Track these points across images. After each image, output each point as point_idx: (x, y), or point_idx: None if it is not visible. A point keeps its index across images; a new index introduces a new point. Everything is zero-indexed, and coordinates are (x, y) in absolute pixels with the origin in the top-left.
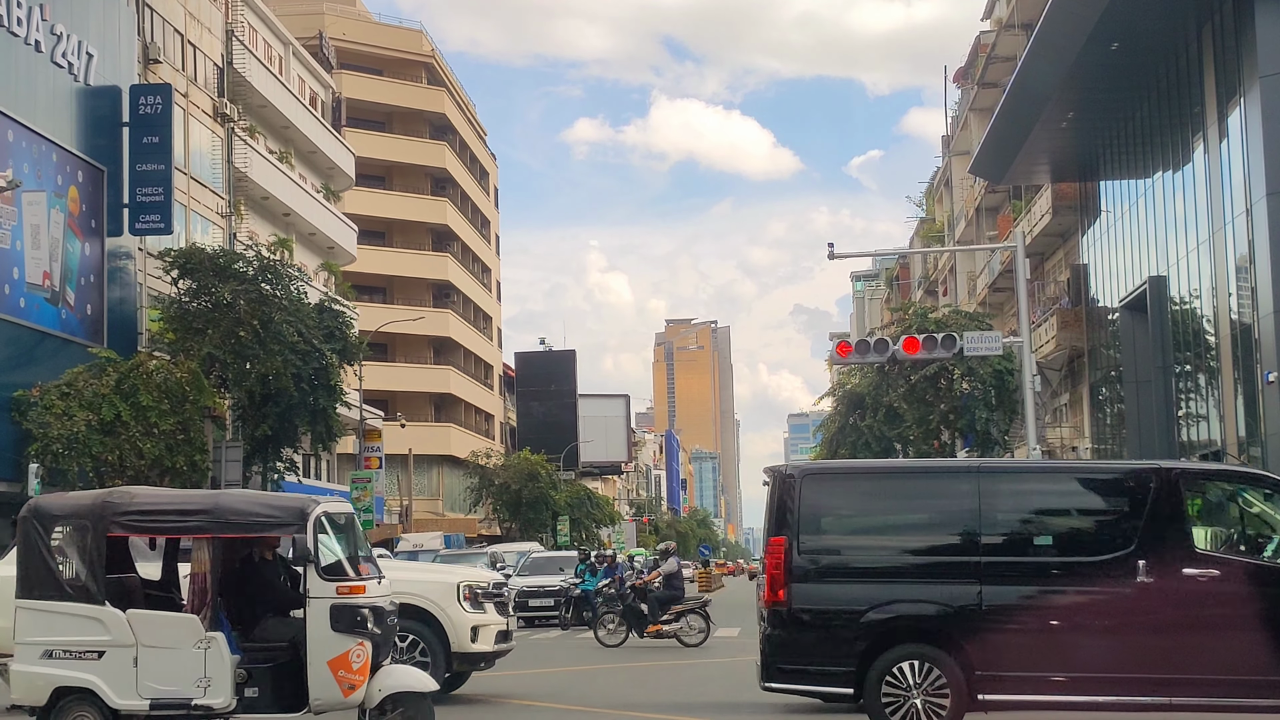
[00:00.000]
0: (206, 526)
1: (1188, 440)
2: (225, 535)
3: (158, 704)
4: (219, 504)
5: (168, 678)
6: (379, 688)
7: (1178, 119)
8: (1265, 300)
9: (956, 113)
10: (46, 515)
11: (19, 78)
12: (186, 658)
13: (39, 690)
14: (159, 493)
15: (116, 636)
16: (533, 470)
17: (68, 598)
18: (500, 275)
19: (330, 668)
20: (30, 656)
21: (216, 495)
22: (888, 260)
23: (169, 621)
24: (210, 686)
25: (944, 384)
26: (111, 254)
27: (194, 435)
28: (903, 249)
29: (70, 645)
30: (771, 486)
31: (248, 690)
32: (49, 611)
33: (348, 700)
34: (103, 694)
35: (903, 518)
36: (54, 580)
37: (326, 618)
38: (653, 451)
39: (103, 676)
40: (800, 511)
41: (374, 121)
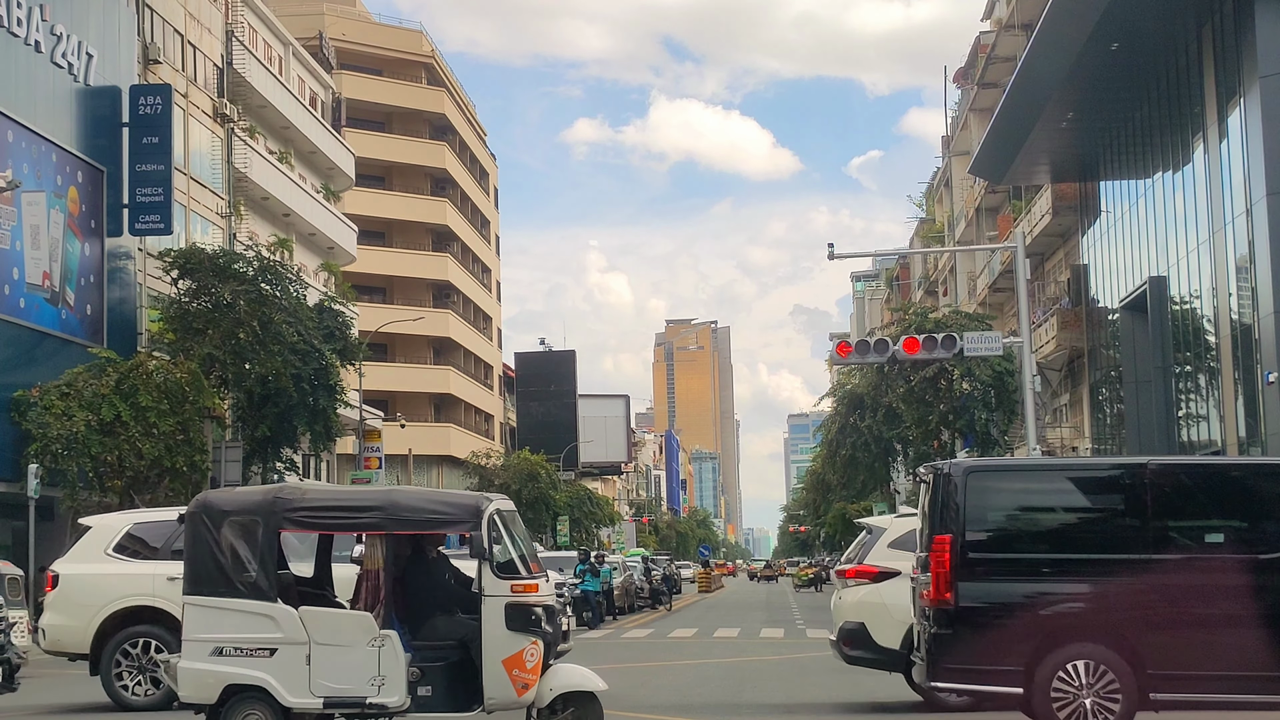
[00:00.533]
0: (380, 523)
1: (1188, 440)
2: (399, 532)
3: (331, 702)
4: (393, 501)
5: (341, 676)
6: (549, 687)
7: (1178, 119)
8: (1265, 300)
9: (956, 113)
10: (216, 511)
11: (19, 78)
12: (360, 655)
13: (209, 688)
14: (330, 490)
15: (289, 634)
16: (533, 470)
17: (238, 594)
18: (500, 275)
19: (505, 666)
20: (199, 654)
21: (390, 492)
22: (888, 260)
23: (342, 619)
24: (384, 685)
25: (944, 384)
26: (111, 254)
27: (194, 435)
28: (903, 249)
29: (241, 642)
30: (932, 485)
31: (420, 689)
32: (219, 608)
33: (521, 699)
34: (275, 692)
35: (1071, 515)
36: (224, 576)
37: (501, 616)
38: (653, 452)
39: (275, 674)
40: (965, 510)
41: (374, 122)
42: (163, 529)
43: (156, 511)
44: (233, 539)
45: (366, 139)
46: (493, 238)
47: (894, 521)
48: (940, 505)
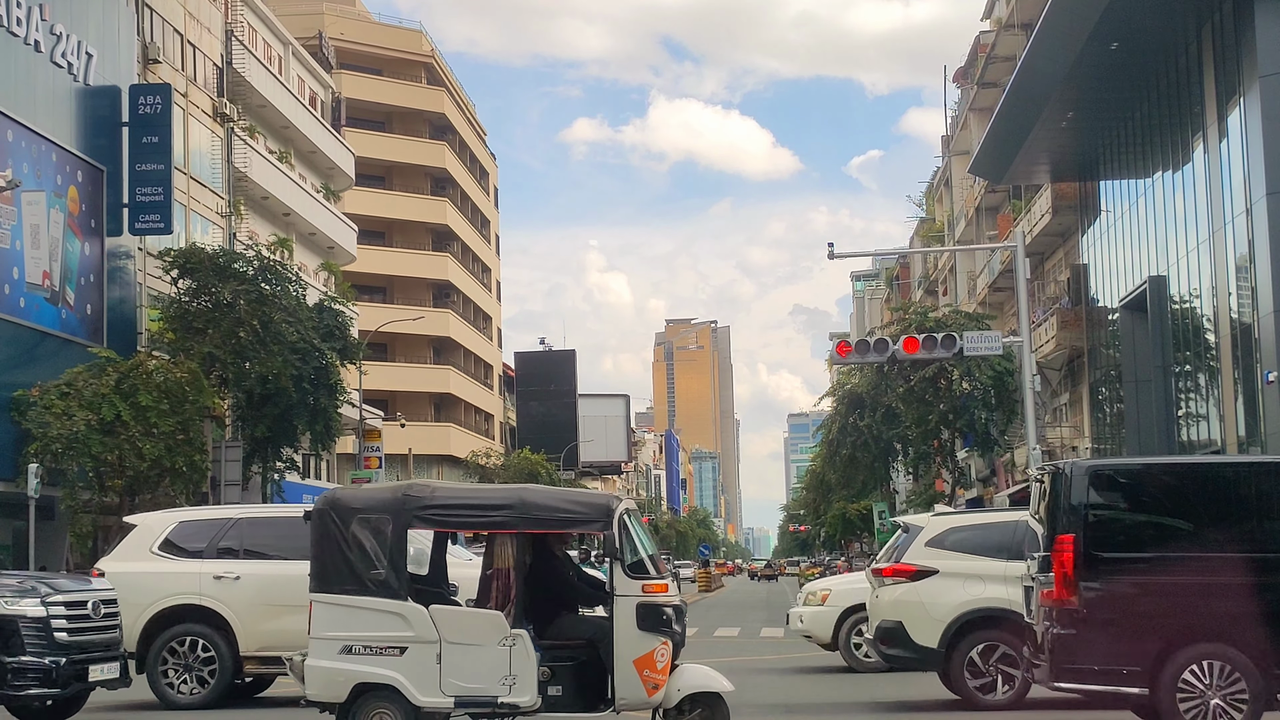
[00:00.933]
0: (511, 522)
1: (1188, 440)
2: (530, 531)
3: (462, 701)
4: (524, 499)
5: (472, 675)
6: (677, 687)
7: (1178, 119)
8: (1265, 300)
9: (956, 113)
10: (345, 508)
11: (19, 78)
12: (491, 655)
13: (339, 686)
14: (460, 488)
15: (420, 632)
16: (533, 470)
17: (368, 592)
18: (500, 275)
19: (636, 667)
20: (328, 652)
21: (520, 490)
22: (888, 260)
23: (474, 617)
24: (515, 684)
25: (943, 384)
26: (111, 254)
27: (194, 435)
28: (903, 249)
29: (371, 640)
30: (1052, 484)
31: (550, 689)
32: (347, 606)
33: (651, 700)
34: (406, 691)
35: (1196, 514)
36: (352, 574)
37: (633, 616)
38: (652, 451)
39: (405, 673)
40: (1088, 509)
41: (374, 121)
42: (209, 527)
43: (202, 510)
44: (361, 536)
45: (366, 139)
46: (493, 237)
47: (931, 520)
48: (1060, 505)
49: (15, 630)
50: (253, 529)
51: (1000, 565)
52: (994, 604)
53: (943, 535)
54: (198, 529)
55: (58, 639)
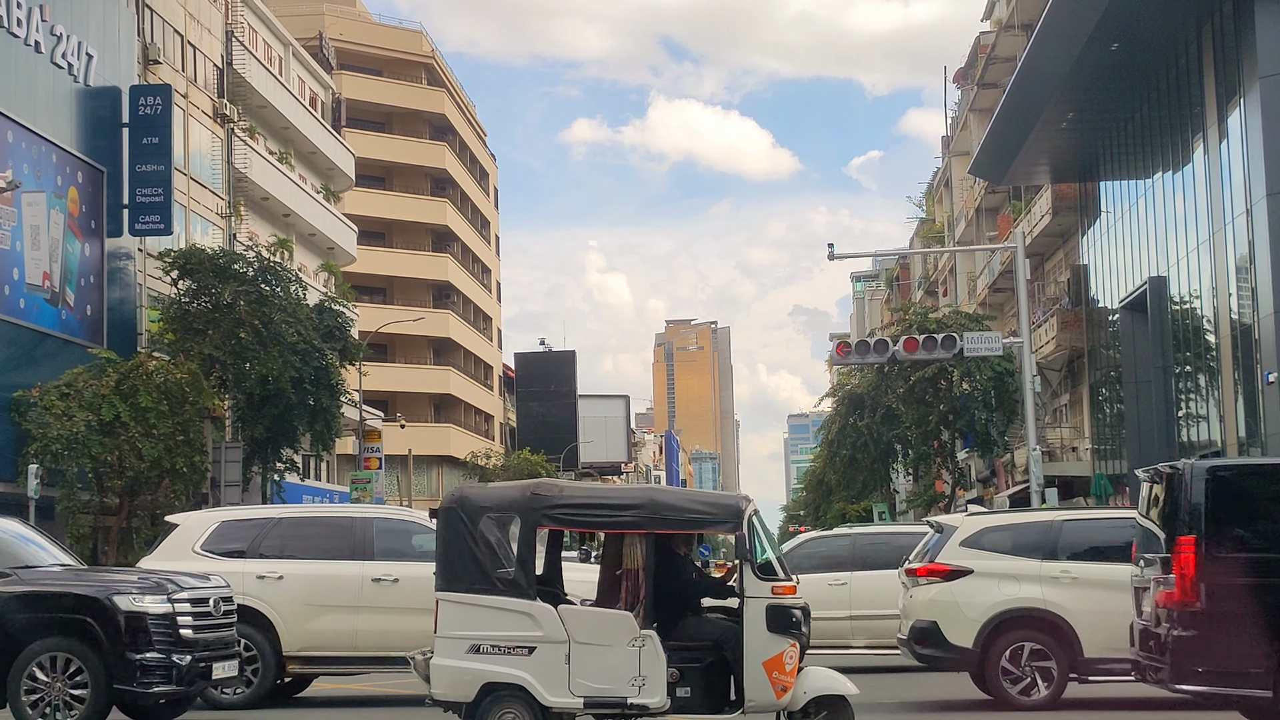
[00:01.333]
0: (641, 522)
1: (1188, 440)
2: (660, 531)
3: (591, 702)
4: (654, 499)
5: (601, 676)
6: (803, 690)
7: (1178, 119)
8: (1265, 300)
9: (956, 113)
10: (473, 506)
11: (19, 78)
12: (621, 655)
13: (466, 686)
14: (589, 487)
15: (549, 632)
16: (533, 471)
17: (496, 591)
18: (500, 275)
19: (765, 669)
20: (455, 651)
21: (650, 490)
22: (887, 261)
23: (603, 618)
24: (645, 685)
25: (944, 385)
26: (111, 254)
27: (193, 436)
28: (903, 249)
29: (500, 640)
30: (1167, 486)
31: (679, 690)
32: (475, 605)
33: (780, 702)
34: (534, 691)
35: None
36: (481, 573)
37: (762, 618)
38: (653, 452)
39: (534, 673)
40: (1208, 510)
41: (374, 122)
42: (251, 527)
43: (244, 509)
44: (489, 535)
45: (366, 139)
46: (493, 238)
47: (965, 520)
48: (1179, 507)
49: (143, 627)
50: (295, 529)
51: (1035, 565)
52: (1029, 604)
53: (978, 535)
54: (240, 529)
55: (183, 636)
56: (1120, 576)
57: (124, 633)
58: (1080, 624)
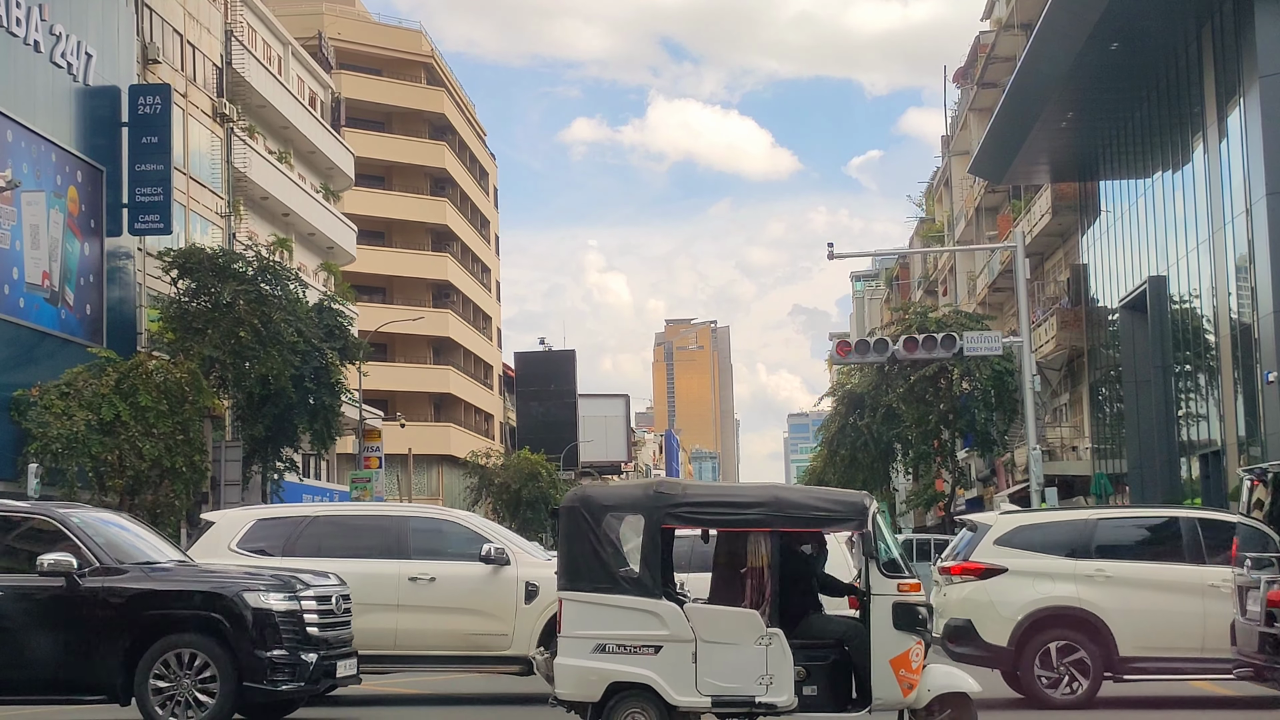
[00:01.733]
0: (766, 520)
1: (1188, 440)
2: (785, 529)
3: (719, 701)
4: (778, 497)
5: (728, 674)
6: (928, 687)
7: (1178, 119)
8: (1265, 300)
9: (956, 113)
10: (596, 505)
11: (18, 78)
12: (748, 654)
13: (593, 685)
14: (712, 485)
15: (675, 631)
16: (533, 470)
17: (621, 590)
18: (500, 275)
19: (892, 666)
20: (580, 650)
21: (774, 488)
22: (887, 260)
23: (730, 616)
24: (772, 684)
25: (943, 384)
26: (111, 254)
27: (193, 435)
28: (902, 249)
29: (625, 639)
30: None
31: (805, 688)
32: (599, 604)
33: (906, 700)
34: (661, 690)
35: None
36: (605, 571)
37: (889, 615)
38: (653, 451)
39: (660, 672)
40: None
41: (373, 121)
42: (286, 525)
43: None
44: (613, 534)
45: (366, 139)
46: (492, 238)
47: (999, 518)
48: None
49: (272, 624)
50: (329, 527)
51: (1070, 563)
52: (1064, 602)
53: (1011, 533)
54: (275, 527)
55: (310, 634)
56: (1156, 575)
57: (253, 630)
58: (1115, 623)
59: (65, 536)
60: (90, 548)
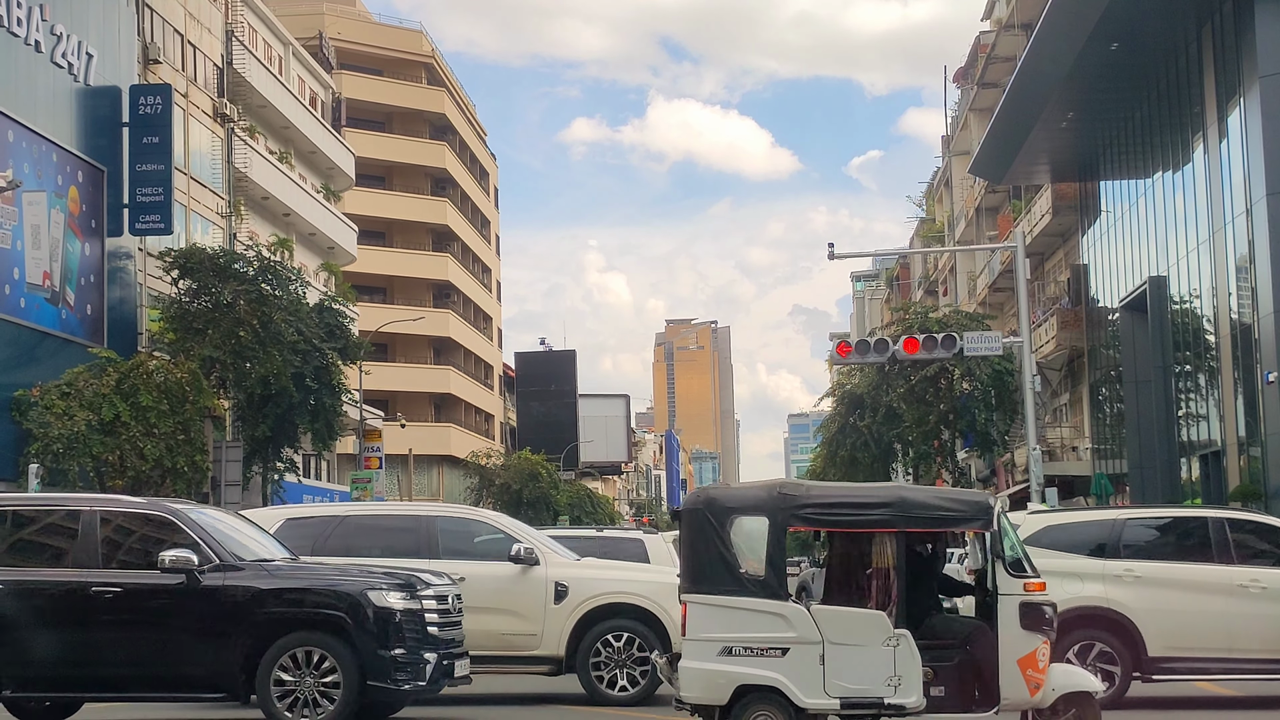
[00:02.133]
0: (891, 520)
1: (1188, 440)
2: (910, 530)
3: (848, 703)
4: (903, 497)
5: (856, 676)
6: (1051, 687)
7: (1178, 119)
8: (1265, 300)
9: (956, 113)
10: (720, 507)
11: (19, 78)
12: (876, 655)
13: (720, 688)
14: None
15: (802, 633)
16: (534, 470)
17: (747, 592)
18: (500, 275)
19: (1019, 666)
20: (706, 653)
21: (899, 489)
22: (887, 260)
23: (857, 618)
24: (900, 685)
25: (944, 384)
26: (111, 254)
27: (194, 436)
28: (903, 249)
29: (752, 642)
30: None
31: (933, 689)
32: (725, 606)
33: (1033, 700)
34: (789, 693)
35: None
36: (731, 574)
37: (1016, 615)
38: (653, 451)
39: (788, 674)
40: None
41: (374, 121)
42: (315, 525)
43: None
44: (738, 536)
45: (366, 139)
46: (493, 238)
47: (1027, 518)
48: None
49: (394, 623)
50: (359, 527)
51: (1098, 563)
52: (1092, 602)
53: (1039, 533)
54: (304, 527)
55: (430, 633)
56: (1184, 575)
57: (376, 629)
58: (1144, 623)
59: (183, 533)
60: (209, 544)
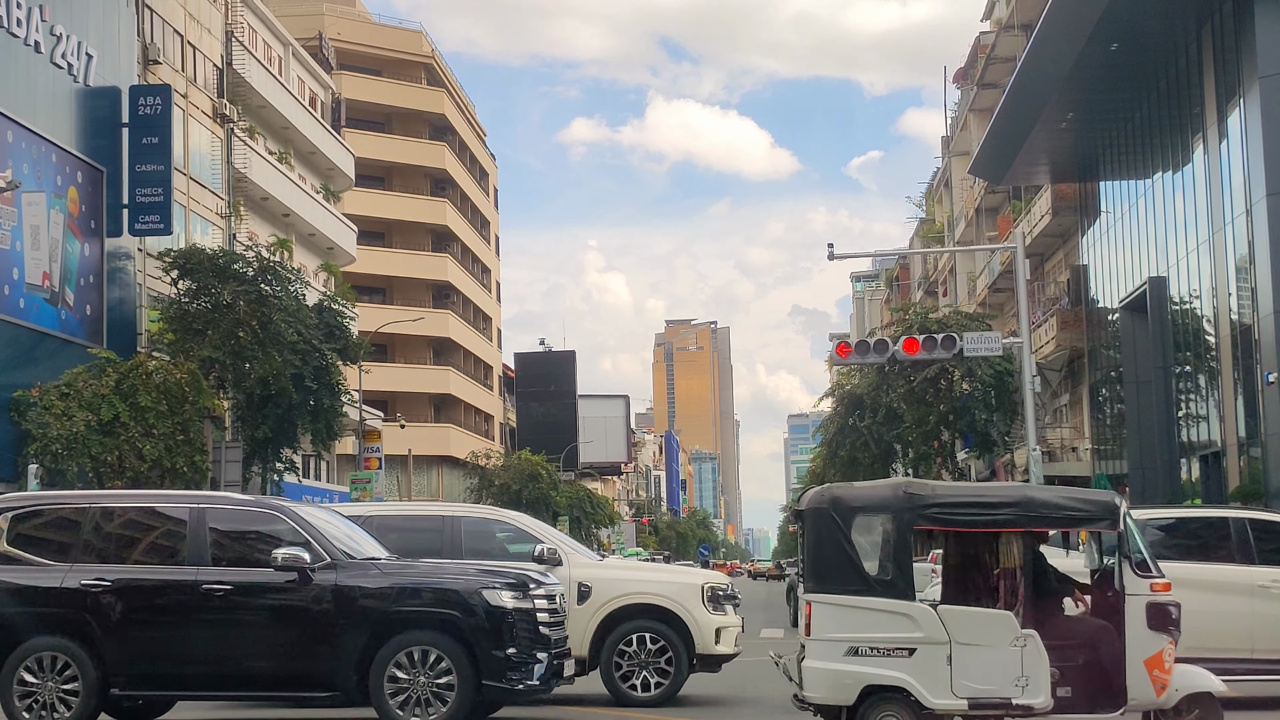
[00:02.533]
0: (1018, 520)
1: (1188, 441)
2: (1037, 529)
3: (976, 704)
4: (1029, 497)
5: (984, 676)
6: (1175, 687)
7: (1178, 119)
8: (1265, 300)
9: (956, 113)
10: (845, 507)
11: (19, 78)
12: (1003, 656)
13: (847, 689)
14: (960, 486)
15: (929, 633)
16: (533, 471)
17: (873, 592)
18: (500, 276)
19: (1146, 667)
20: (832, 654)
21: (1024, 488)
22: (887, 261)
23: (984, 618)
24: (1028, 686)
25: (944, 385)
26: (111, 254)
27: (193, 436)
28: (902, 249)
29: (879, 642)
30: None
31: (1059, 690)
32: (851, 606)
33: (1159, 700)
34: (916, 693)
35: None
36: (857, 573)
37: (1143, 615)
38: (652, 452)
39: (915, 674)
40: None
41: (373, 122)
42: None
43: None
44: (862, 535)
45: (366, 139)
46: (492, 238)
47: None
48: None
49: (508, 622)
50: (384, 528)
51: None
52: None
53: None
54: None
55: (542, 633)
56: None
57: (490, 627)
58: None
59: (293, 530)
60: (319, 542)
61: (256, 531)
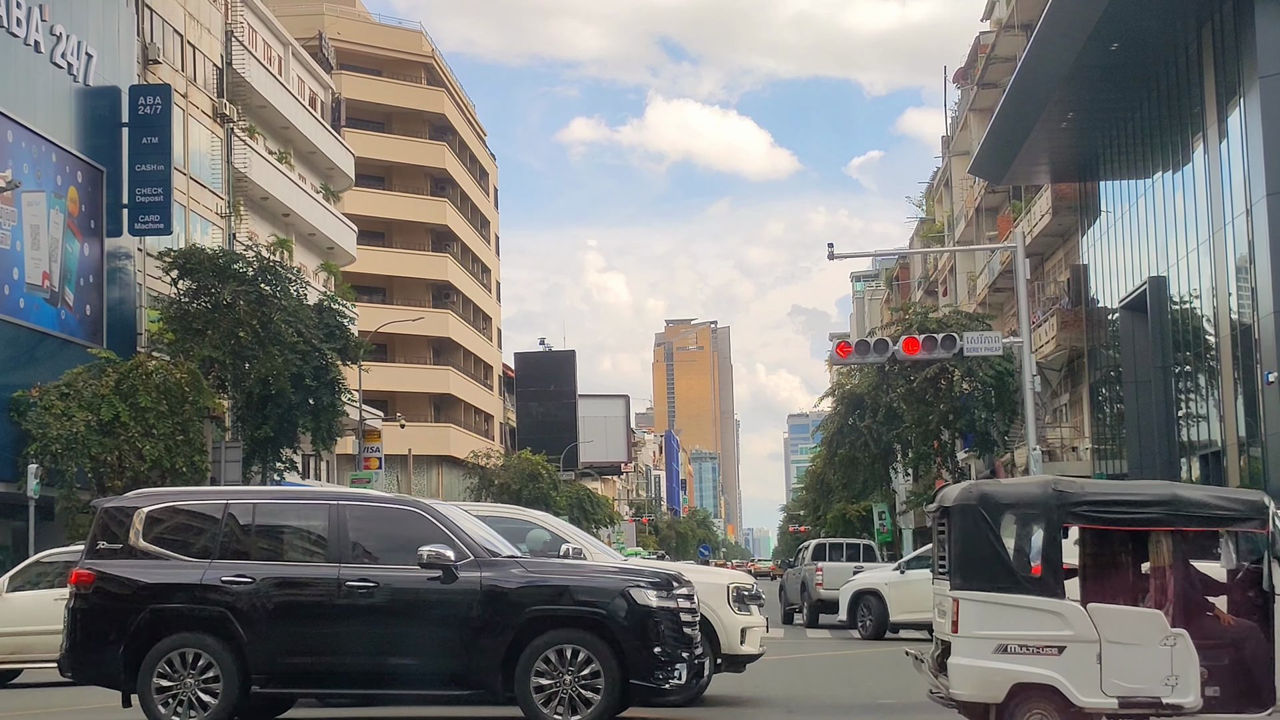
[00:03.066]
0: (1166, 519)
1: (1188, 440)
2: (1185, 528)
3: (1126, 702)
4: (1178, 495)
5: (1133, 675)
6: None
7: (1178, 119)
8: (1265, 300)
9: (956, 113)
10: (994, 504)
11: (19, 78)
12: (1153, 655)
13: (996, 686)
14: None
15: (1078, 631)
16: (533, 471)
17: (1022, 590)
18: (500, 275)
19: None
20: (981, 651)
21: (1173, 486)
22: (887, 260)
23: (1133, 617)
24: (1178, 685)
25: (944, 384)
26: (111, 254)
27: (193, 436)
28: (902, 249)
29: (1028, 639)
30: None
31: (1208, 689)
32: (1000, 604)
33: None
34: (1067, 691)
35: None
36: (1005, 571)
37: None
38: (652, 452)
39: (1064, 673)
40: None
41: (373, 122)
42: None
43: None
44: (1011, 533)
45: (366, 139)
46: (492, 238)
47: None
48: None
49: (655, 621)
50: None
51: None
52: None
53: None
54: None
55: (685, 632)
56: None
57: (637, 626)
58: None
59: (435, 528)
60: (462, 540)
61: (397, 529)
